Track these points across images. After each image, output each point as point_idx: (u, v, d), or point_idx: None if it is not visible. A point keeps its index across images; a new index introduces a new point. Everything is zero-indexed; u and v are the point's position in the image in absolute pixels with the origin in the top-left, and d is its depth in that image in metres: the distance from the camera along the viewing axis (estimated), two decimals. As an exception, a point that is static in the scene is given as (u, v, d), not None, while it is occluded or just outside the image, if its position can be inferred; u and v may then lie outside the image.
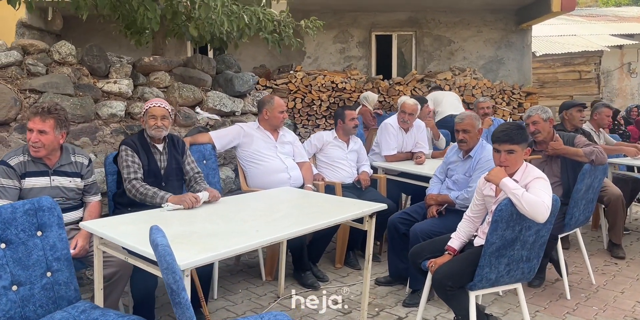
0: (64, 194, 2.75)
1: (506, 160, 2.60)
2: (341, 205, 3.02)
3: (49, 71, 3.65)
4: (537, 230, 2.56)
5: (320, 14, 9.44)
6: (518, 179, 2.60)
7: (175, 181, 3.17)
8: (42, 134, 2.61)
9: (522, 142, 2.61)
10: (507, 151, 2.60)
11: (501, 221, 2.44)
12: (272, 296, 3.54)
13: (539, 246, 2.62)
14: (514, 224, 2.47)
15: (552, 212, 2.55)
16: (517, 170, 2.64)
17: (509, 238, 2.49)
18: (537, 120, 3.69)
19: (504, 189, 2.49)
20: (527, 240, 2.55)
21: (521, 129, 2.65)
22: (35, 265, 2.07)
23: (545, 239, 2.63)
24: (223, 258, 2.14)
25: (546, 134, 3.71)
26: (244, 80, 4.61)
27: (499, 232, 2.46)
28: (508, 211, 2.44)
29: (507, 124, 2.69)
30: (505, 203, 2.44)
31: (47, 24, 8.98)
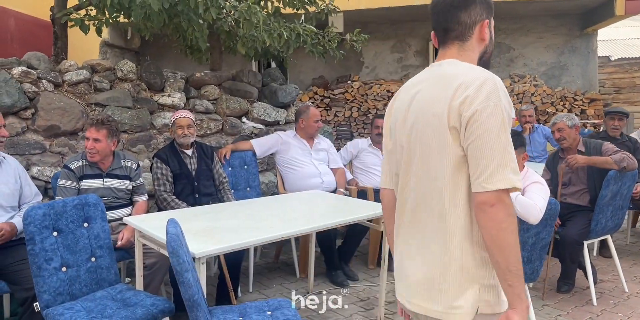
0: (115, 194, 3.19)
1: (505, 166, 2.73)
2: (357, 207, 3.26)
3: (113, 87, 4.17)
4: (537, 232, 2.67)
5: (377, 25, 9.73)
6: (518, 184, 2.73)
7: (206, 181, 3.59)
8: (97, 142, 3.06)
9: (517, 147, 2.72)
10: (505, 157, 2.73)
11: (497, 222, 2.58)
12: (303, 292, 3.82)
13: (540, 248, 2.73)
14: (510, 226, 2.60)
15: (552, 215, 2.67)
16: (517, 175, 2.76)
17: (506, 239, 2.62)
18: (562, 127, 3.75)
19: (499, 192, 2.63)
20: (527, 242, 2.67)
21: (517, 135, 2.77)
22: (81, 251, 2.48)
23: (546, 241, 2.74)
24: (234, 250, 2.45)
25: (572, 141, 3.75)
26: (287, 92, 4.95)
27: (495, 233, 2.60)
28: (503, 213, 2.58)
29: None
30: (500, 205, 2.59)
31: (127, 43, 9.83)
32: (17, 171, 2.84)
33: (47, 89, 3.81)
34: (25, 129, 3.67)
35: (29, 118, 3.69)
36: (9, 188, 2.76)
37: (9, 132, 3.57)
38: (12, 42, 8.29)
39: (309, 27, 4.32)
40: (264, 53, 5.27)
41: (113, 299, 2.47)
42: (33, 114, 3.70)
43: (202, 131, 4.42)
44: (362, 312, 3.49)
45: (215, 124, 4.50)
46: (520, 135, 2.82)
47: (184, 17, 4.05)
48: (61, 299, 2.37)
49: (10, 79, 3.59)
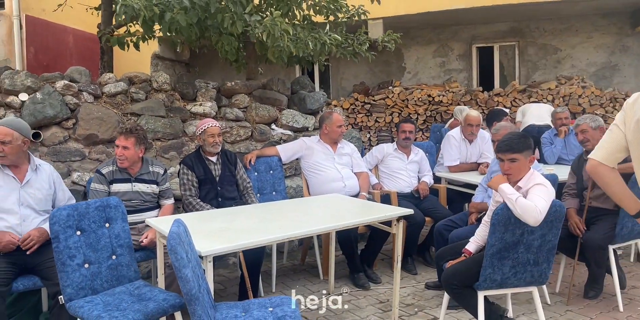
0: (142, 197, 3.41)
1: (509, 169, 2.75)
2: (371, 210, 3.33)
3: (148, 97, 4.44)
4: (542, 234, 2.66)
5: (419, 30, 9.74)
6: (522, 186, 2.73)
7: (229, 186, 3.77)
8: (125, 149, 3.29)
9: (523, 150, 2.73)
10: (510, 160, 2.74)
11: (498, 224, 2.60)
12: (324, 293, 3.92)
13: (547, 250, 2.71)
14: (513, 228, 2.61)
15: (557, 217, 2.65)
16: (522, 177, 2.76)
17: (509, 241, 2.63)
18: (585, 129, 3.68)
19: (501, 194, 2.65)
20: (532, 244, 2.67)
21: (523, 138, 2.77)
22: (103, 249, 2.69)
23: (553, 244, 2.71)
24: (240, 249, 2.59)
25: (596, 142, 3.64)
26: (315, 98, 5.09)
27: (497, 235, 2.62)
28: (504, 215, 2.59)
29: (510, 134, 2.83)
30: (501, 207, 2.60)
31: (177, 55, 10.27)
32: (51, 177, 3.10)
33: (87, 100, 4.12)
34: (67, 137, 3.98)
35: (70, 128, 4.00)
36: (42, 193, 3.01)
37: (52, 141, 3.90)
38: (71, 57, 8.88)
39: (334, 36, 4.44)
40: (297, 60, 5.44)
41: (130, 294, 2.66)
42: (74, 124, 4.01)
43: (232, 138, 4.62)
44: (379, 313, 3.55)
45: (245, 131, 4.69)
46: (527, 137, 2.81)
47: (213, 30, 4.27)
48: (83, 293, 2.58)
49: (54, 92, 3.91)
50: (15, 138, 2.88)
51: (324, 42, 4.40)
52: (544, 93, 8.59)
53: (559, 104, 8.37)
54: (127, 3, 3.47)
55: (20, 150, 2.92)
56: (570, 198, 3.81)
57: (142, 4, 3.48)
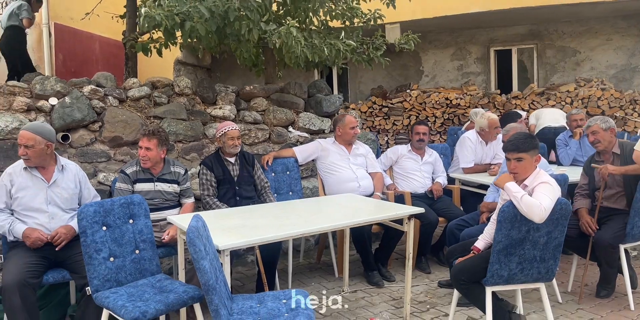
0: (164, 196, 3.57)
1: (515, 168, 2.83)
2: (383, 209, 3.44)
3: (170, 101, 4.62)
4: (548, 231, 2.74)
5: (436, 33, 9.81)
6: (528, 184, 2.81)
7: (247, 186, 3.93)
8: (148, 151, 3.46)
9: (529, 150, 2.81)
10: (516, 159, 2.83)
11: (504, 221, 2.69)
12: (338, 290, 4.03)
13: (553, 247, 2.79)
14: (519, 225, 2.70)
15: (563, 215, 2.73)
16: (529, 175, 2.85)
17: (516, 238, 2.72)
18: (596, 130, 3.73)
19: (507, 192, 2.74)
20: (538, 241, 2.74)
21: (529, 138, 2.85)
22: (127, 244, 2.85)
23: (559, 241, 2.79)
24: (255, 244, 2.72)
25: (607, 144, 3.72)
26: (331, 102, 5.21)
27: (503, 232, 2.70)
28: (510, 212, 2.68)
29: (516, 134, 2.91)
30: (507, 205, 2.69)
31: (199, 61, 10.50)
32: (77, 177, 3.27)
33: (113, 104, 4.31)
34: (93, 140, 4.17)
35: (96, 130, 4.19)
36: (68, 193, 3.19)
37: (80, 143, 4.10)
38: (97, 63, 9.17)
39: (348, 42, 4.56)
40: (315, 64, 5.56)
41: (152, 286, 2.81)
42: (100, 126, 4.20)
43: (250, 140, 4.77)
44: (392, 310, 3.65)
45: (263, 133, 4.84)
46: (533, 137, 2.89)
47: (233, 38, 4.44)
48: (109, 285, 2.74)
49: (81, 96, 4.10)
50: (38, 142, 3.04)
51: (338, 49, 4.51)
52: (562, 95, 8.58)
53: (577, 106, 8.36)
54: (150, 14, 3.65)
55: (43, 153, 3.08)
56: (582, 198, 3.86)
57: (163, 14, 3.66)
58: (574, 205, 3.91)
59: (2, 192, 3.07)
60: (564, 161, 5.29)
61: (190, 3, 3.78)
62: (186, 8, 3.78)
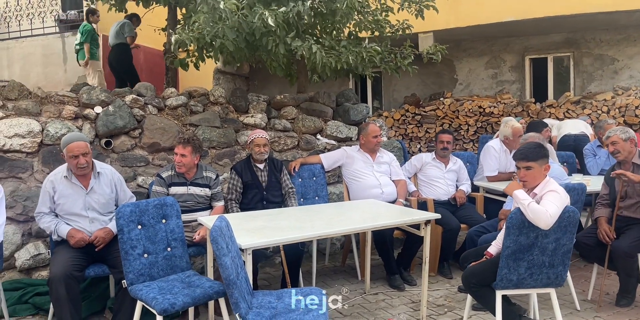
0: (196, 199, 3.83)
1: (525, 176, 2.95)
2: (401, 214, 3.59)
3: (205, 110, 4.90)
4: (557, 238, 2.84)
5: (471, 42, 9.86)
6: (538, 192, 2.92)
7: (275, 191, 4.14)
8: (183, 157, 3.73)
9: (538, 159, 2.92)
10: (525, 168, 2.94)
11: (512, 227, 2.81)
12: (360, 292, 4.18)
13: (562, 253, 2.88)
14: (527, 231, 2.81)
15: (571, 222, 2.82)
16: (538, 184, 2.95)
17: (524, 243, 2.83)
18: (615, 141, 3.78)
19: (515, 199, 2.86)
20: (547, 247, 2.84)
21: (538, 148, 2.96)
22: (159, 242, 3.10)
23: (568, 248, 2.88)
24: (276, 244, 2.92)
25: (627, 154, 3.77)
26: (358, 110, 5.40)
27: (512, 237, 2.82)
28: (518, 219, 2.80)
29: (527, 144, 3.02)
30: (515, 211, 2.81)
31: (237, 70, 10.87)
32: (112, 181, 3.56)
33: (152, 112, 4.61)
34: (134, 145, 4.48)
35: (137, 137, 4.50)
36: (104, 198, 3.48)
37: (121, 148, 4.41)
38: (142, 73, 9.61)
39: (374, 48, 4.74)
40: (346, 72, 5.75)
41: (182, 281, 3.05)
42: (140, 133, 4.50)
43: (279, 147, 5.00)
44: (410, 312, 3.78)
45: (292, 140, 5.06)
46: (542, 147, 3.00)
47: (263, 50, 4.69)
48: (142, 279, 2.99)
49: (123, 105, 4.42)
50: (90, 149, 3.38)
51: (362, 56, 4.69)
52: (598, 104, 8.50)
53: (614, 115, 8.26)
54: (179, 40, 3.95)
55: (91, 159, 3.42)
56: (602, 208, 3.91)
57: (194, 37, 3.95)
58: (594, 214, 3.96)
59: (46, 198, 3.39)
60: (591, 171, 5.31)
61: (218, 25, 4.05)
62: (214, 31, 4.05)
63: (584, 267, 4.68)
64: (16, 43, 9.31)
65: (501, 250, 2.88)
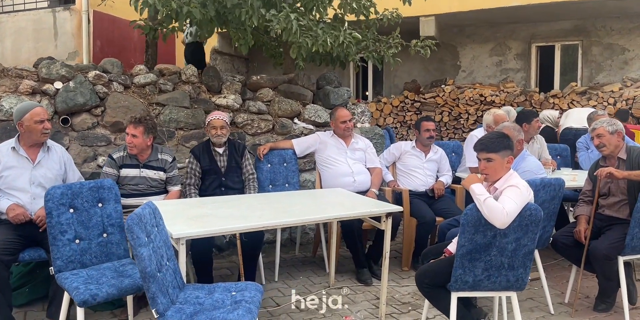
0: (149, 183, 3.62)
1: (485, 168, 2.68)
2: (361, 205, 3.35)
3: (176, 88, 4.67)
4: (517, 238, 2.58)
5: (475, 28, 9.48)
6: (499, 187, 2.66)
7: (236, 177, 3.94)
8: (134, 138, 3.52)
9: (499, 150, 2.65)
10: (485, 159, 2.67)
11: (468, 224, 2.55)
12: (325, 285, 3.97)
13: (523, 255, 2.62)
14: (484, 229, 2.55)
15: (533, 221, 2.56)
16: (500, 178, 2.69)
17: (480, 242, 2.58)
18: (601, 133, 3.48)
19: (471, 194, 2.60)
20: (505, 247, 2.59)
21: (500, 137, 2.69)
22: (94, 227, 2.90)
23: (529, 249, 2.62)
24: (211, 235, 2.70)
25: (613, 148, 3.47)
26: (339, 94, 5.12)
27: (467, 235, 2.57)
28: (474, 215, 2.54)
29: (489, 133, 2.75)
30: (470, 207, 2.55)
31: (235, 50, 10.58)
32: (62, 158, 3.36)
33: (117, 90, 4.39)
34: (95, 124, 4.28)
35: (99, 115, 4.29)
36: (52, 173, 3.28)
37: (81, 126, 4.21)
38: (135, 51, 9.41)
39: (353, 35, 4.46)
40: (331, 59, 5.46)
41: (115, 270, 2.85)
42: (102, 111, 4.29)
43: (253, 130, 4.76)
44: (371, 309, 3.57)
45: (266, 123, 4.81)
46: (505, 137, 2.72)
47: (233, 25, 4.44)
48: (72, 266, 2.80)
49: (85, 81, 4.21)
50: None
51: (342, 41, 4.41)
52: (605, 95, 8.12)
53: (621, 107, 7.88)
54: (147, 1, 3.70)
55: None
56: (584, 205, 3.63)
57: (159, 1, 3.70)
58: (575, 211, 3.69)
59: None
60: (583, 165, 5.01)
61: None
62: None
63: (568, 267, 4.40)
64: (8, 17, 9.11)
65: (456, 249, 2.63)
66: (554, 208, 3.42)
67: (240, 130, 4.75)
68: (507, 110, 6.71)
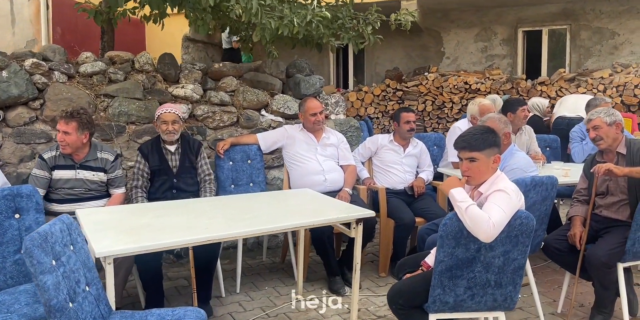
0: (87, 186, 3.17)
1: (468, 170, 2.27)
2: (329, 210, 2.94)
3: (127, 78, 4.20)
4: (505, 251, 2.18)
5: (459, 12, 9.06)
6: (484, 191, 2.25)
7: (189, 179, 3.48)
8: (66, 135, 3.06)
9: (484, 148, 2.24)
10: (468, 159, 2.27)
11: (447, 237, 2.15)
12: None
13: (512, 270, 2.23)
14: (466, 242, 2.15)
15: (523, 231, 2.17)
16: (485, 180, 2.28)
17: (462, 257, 2.18)
18: (598, 125, 3.09)
19: (451, 200, 2.19)
20: (492, 262, 2.19)
21: (486, 133, 2.27)
22: (9, 243, 2.46)
23: (520, 263, 2.23)
24: (143, 252, 2.27)
25: (611, 141, 3.08)
26: (310, 83, 4.67)
27: (446, 249, 2.16)
28: (454, 226, 2.14)
29: (472, 128, 2.34)
30: (450, 217, 2.15)
31: (209, 37, 10.05)
32: None
33: (59, 80, 3.92)
34: (34, 119, 3.80)
35: (37, 108, 3.82)
36: None
37: (17, 121, 3.74)
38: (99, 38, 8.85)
39: (322, 14, 4.00)
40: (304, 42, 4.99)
41: (33, 294, 2.40)
42: (42, 104, 3.82)
43: (214, 124, 4.31)
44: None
45: (230, 116, 4.36)
46: (491, 132, 2.31)
47: (189, 5, 3.98)
48: (-19, 290, 2.36)
49: (20, 70, 3.73)
50: None
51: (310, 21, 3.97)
52: (594, 82, 7.76)
53: (611, 94, 7.54)
54: None
55: None
56: (579, 205, 3.25)
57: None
58: (569, 212, 3.31)
59: None
60: (576, 158, 4.62)
61: None
62: None
63: (560, 270, 4.02)
64: (-34, 3, 8.52)
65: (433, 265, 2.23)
66: (546, 210, 3.04)
67: (201, 123, 4.29)
68: (493, 99, 6.31)
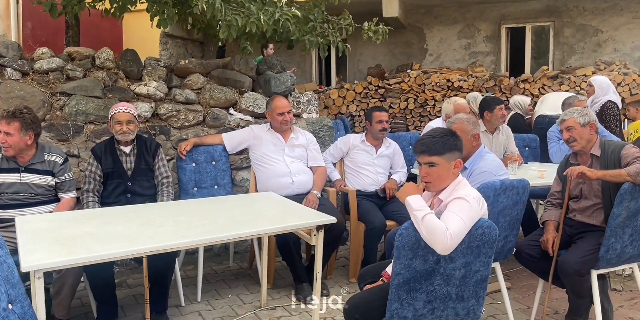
0: (32, 190, 2.98)
1: (427, 175, 2.12)
2: (290, 216, 2.77)
3: (87, 75, 4.00)
4: (466, 263, 2.03)
5: (442, 8, 8.92)
6: (444, 198, 2.10)
7: (145, 181, 3.30)
8: (8, 136, 2.86)
9: (444, 152, 2.09)
10: (427, 164, 2.11)
11: (403, 248, 1.99)
12: (257, 305, 3.40)
13: (474, 283, 2.08)
14: (424, 253, 2.00)
15: (485, 242, 2.02)
16: (446, 187, 2.13)
17: (420, 269, 2.02)
18: (571, 126, 2.95)
19: (407, 208, 2.04)
20: (452, 274, 2.04)
21: (446, 136, 2.12)
22: (-64, 254, 2.26)
23: (483, 275, 2.08)
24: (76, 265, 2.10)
25: (585, 143, 2.94)
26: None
27: (403, 261, 2.01)
28: (411, 236, 1.98)
29: (432, 131, 2.18)
30: (407, 226, 1.99)
31: (189, 33, 9.83)
32: None
33: (12, 77, 3.72)
34: (-17, 119, 3.59)
35: (-13, 108, 3.61)
36: None
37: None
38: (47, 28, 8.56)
39: (291, 12, 3.83)
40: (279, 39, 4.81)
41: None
42: (-8, 103, 3.62)
43: (179, 123, 4.13)
44: (305, 334, 3.02)
45: (195, 115, 4.18)
46: (452, 135, 2.16)
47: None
48: None
49: (-32, 67, 3.53)
50: None
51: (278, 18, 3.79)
52: (577, 80, 7.65)
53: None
54: None
55: None
56: (552, 208, 3.12)
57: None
58: (542, 216, 3.18)
59: None
60: (554, 158, 4.48)
61: None
62: None
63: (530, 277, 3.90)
64: None
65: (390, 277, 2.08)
66: (517, 215, 2.90)
67: (164, 122, 4.11)
68: (474, 97, 6.17)
